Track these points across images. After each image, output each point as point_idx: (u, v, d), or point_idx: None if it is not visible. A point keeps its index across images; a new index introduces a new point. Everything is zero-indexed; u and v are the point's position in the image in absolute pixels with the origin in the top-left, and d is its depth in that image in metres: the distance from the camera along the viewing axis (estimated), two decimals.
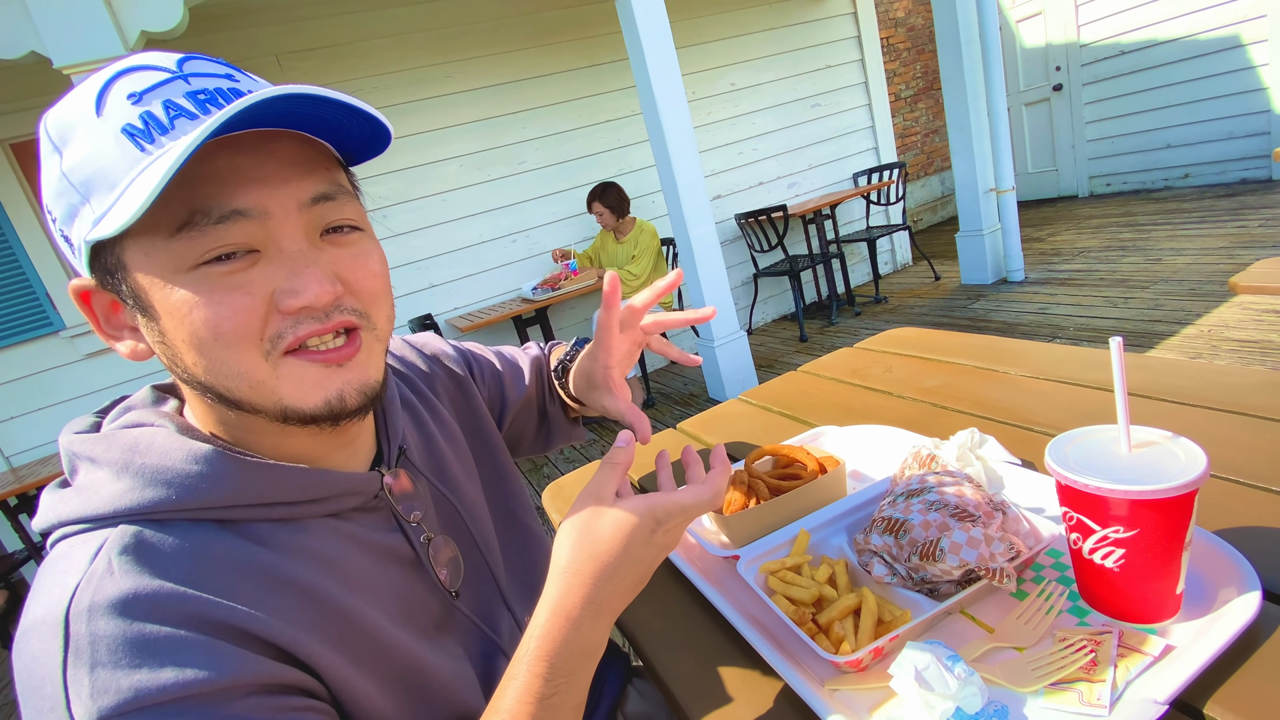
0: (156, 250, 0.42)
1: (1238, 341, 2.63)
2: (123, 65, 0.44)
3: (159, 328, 0.44)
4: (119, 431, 0.47)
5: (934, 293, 4.45)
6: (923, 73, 6.67)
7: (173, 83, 0.43)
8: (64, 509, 0.44)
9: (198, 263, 0.42)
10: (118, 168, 0.41)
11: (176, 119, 0.42)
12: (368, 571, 0.52)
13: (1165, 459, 0.46)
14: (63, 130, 0.43)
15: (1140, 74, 5.28)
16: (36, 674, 0.38)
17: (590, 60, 4.10)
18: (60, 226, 0.44)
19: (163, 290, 0.42)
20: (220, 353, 0.43)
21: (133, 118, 0.41)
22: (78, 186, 0.42)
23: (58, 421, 3.26)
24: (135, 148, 0.41)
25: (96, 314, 0.47)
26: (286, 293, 0.44)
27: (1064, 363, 0.95)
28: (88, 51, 2.14)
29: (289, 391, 0.45)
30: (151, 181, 0.38)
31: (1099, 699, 0.43)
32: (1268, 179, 4.76)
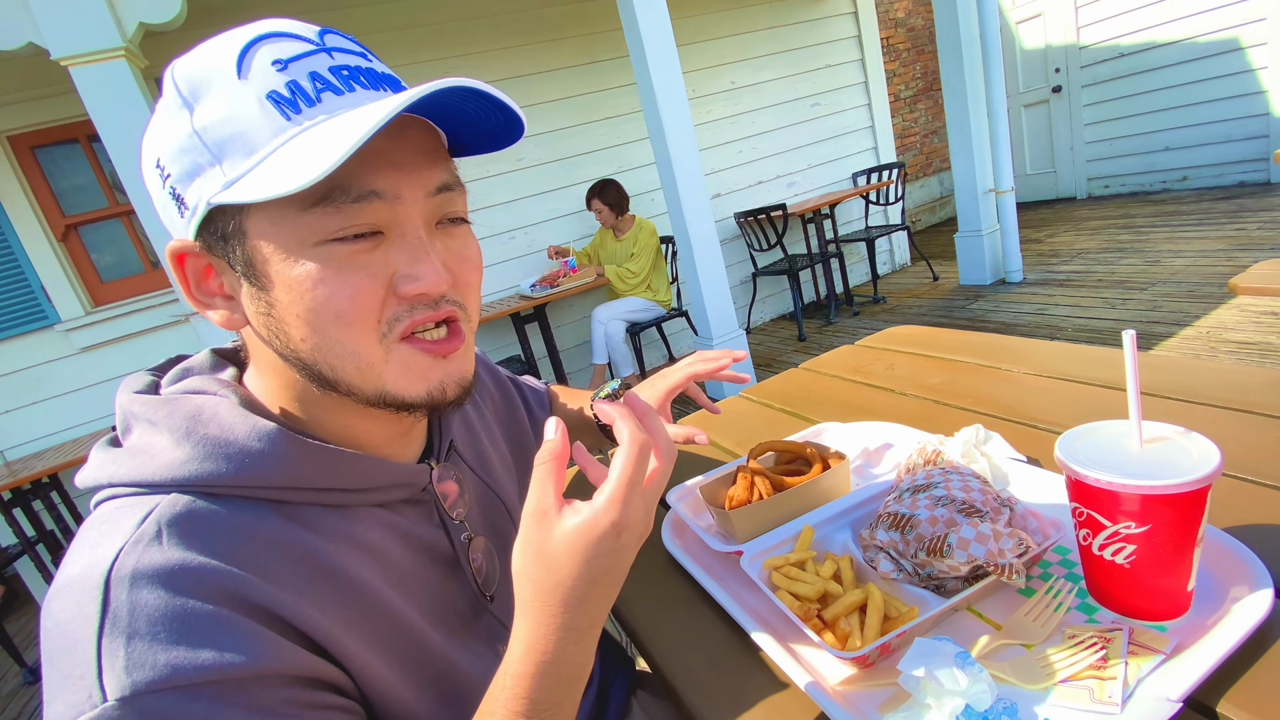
0: (286, 221, 0.41)
1: (1236, 343, 2.63)
2: (263, 29, 0.43)
3: (268, 298, 0.43)
4: (181, 397, 0.47)
5: (932, 293, 4.45)
6: (922, 73, 6.67)
7: (317, 55, 0.43)
8: (115, 470, 0.44)
9: (326, 239, 0.42)
10: (260, 133, 0.40)
11: (322, 92, 0.42)
12: (408, 566, 0.51)
13: (1178, 454, 0.46)
14: (196, 86, 0.41)
15: (1139, 76, 5.29)
16: (69, 636, 0.36)
17: (591, 57, 4.09)
18: (174, 184, 0.43)
19: (285, 262, 0.42)
20: (337, 331, 0.43)
21: (278, 85, 0.41)
22: (209, 145, 0.41)
23: (52, 416, 3.24)
24: (280, 115, 0.40)
25: (189, 278, 0.45)
26: (406, 278, 0.44)
27: (1067, 360, 0.95)
28: (86, 43, 2.13)
29: (395, 377, 0.46)
30: (327, 152, 0.37)
31: (1110, 696, 0.42)
32: (1266, 182, 4.77)
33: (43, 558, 2.85)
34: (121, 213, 3.32)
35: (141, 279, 3.40)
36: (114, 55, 2.16)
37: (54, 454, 2.96)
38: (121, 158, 2.20)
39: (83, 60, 2.14)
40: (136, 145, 1.89)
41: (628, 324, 3.82)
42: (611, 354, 3.82)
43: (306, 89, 0.41)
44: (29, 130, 3.11)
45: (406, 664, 0.48)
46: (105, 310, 3.26)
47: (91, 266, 3.32)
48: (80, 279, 3.29)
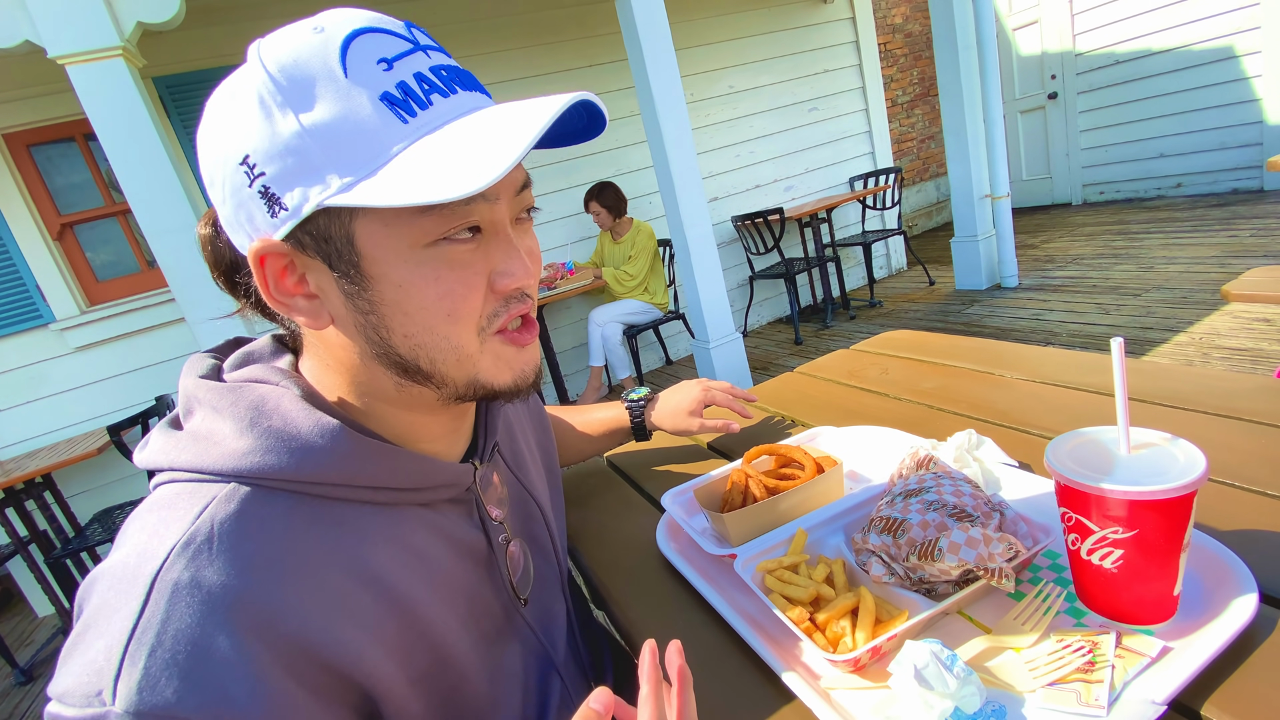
0: (400, 223, 0.42)
1: (1229, 349, 2.65)
2: (354, 23, 0.42)
3: (370, 296, 0.44)
4: (245, 385, 0.47)
5: (928, 297, 4.47)
6: (919, 79, 6.71)
7: (416, 54, 0.43)
8: (178, 455, 0.44)
9: (438, 238, 0.43)
10: (378, 136, 0.40)
11: (430, 94, 0.42)
12: (449, 568, 0.52)
13: (1164, 460, 0.46)
14: (300, 85, 0.40)
15: (1134, 84, 5.32)
16: (104, 624, 0.37)
17: (589, 60, 4.10)
18: (267, 183, 0.41)
19: (396, 262, 0.43)
20: (445, 326, 0.45)
21: (389, 85, 0.41)
22: (323, 147, 0.40)
23: (46, 416, 3.23)
24: (397, 119, 0.40)
25: (268, 279, 0.45)
26: (503, 274, 0.46)
27: (1060, 366, 0.96)
28: (83, 42, 2.12)
29: (487, 367, 0.48)
30: (496, 157, 0.38)
31: (1097, 699, 0.43)
32: (1259, 189, 4.80)
33: (35, 558, 2.83)
34: (118, 212, 3.31)
35: (137, 278, 3.39)
36: (111, 54, 2.16)
37: (48, 454, 2.94)
38: (118, 156, 2.20)
39: (80, 59, 2.14)
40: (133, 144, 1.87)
41: (625, 326, 3.83)
42: (608, 356, 3.82)
43: (415, 91, 0.41)
44: (25, 128, 3.10)
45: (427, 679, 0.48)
46: (101, 309, 3.24)
47: (87, 265, 3.31)
48: (75, 278, 3.27)
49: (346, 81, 0.40)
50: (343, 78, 0.40)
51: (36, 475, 2.68)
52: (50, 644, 2.95)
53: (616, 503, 0.93)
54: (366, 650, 0.43)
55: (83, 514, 3.19)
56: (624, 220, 3.85)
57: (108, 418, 3.24)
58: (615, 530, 0.85)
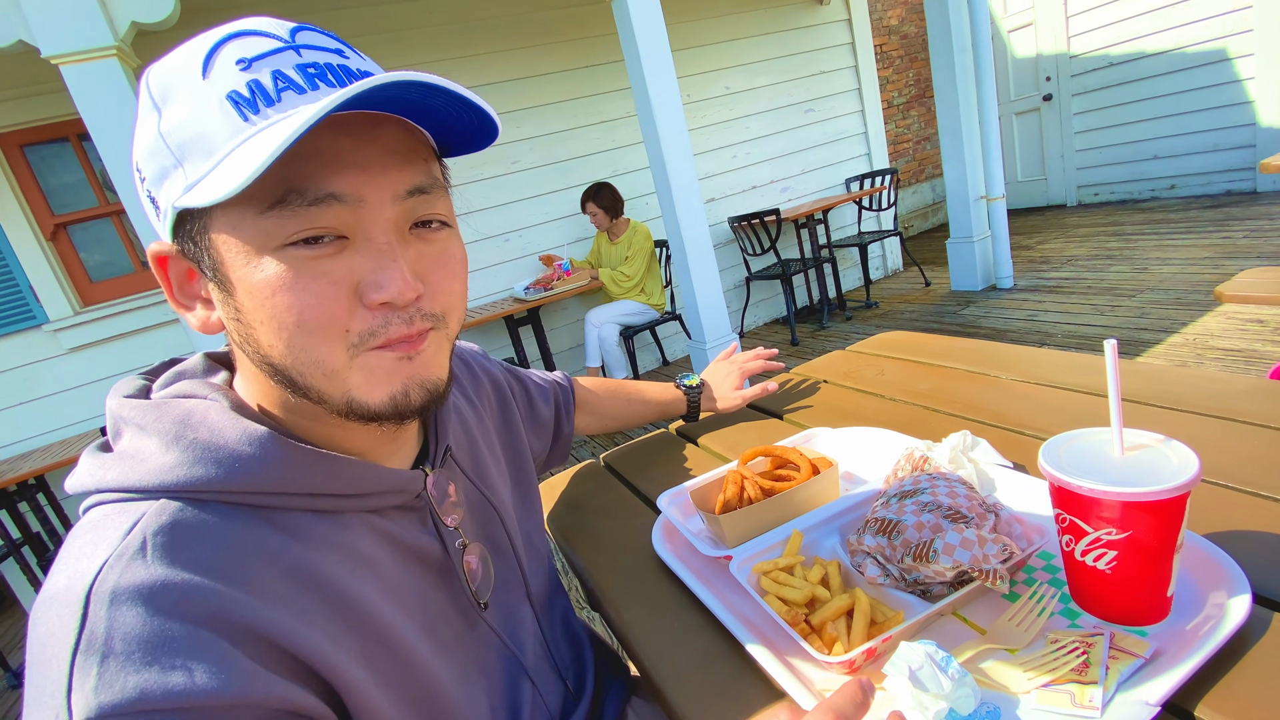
0: (245, 225, 0.40)
1: (1222, 350, 2.66)
2: (235, 28, 0.42)
3: (235, 303, 0.43)
4: (171, 401, 0.46)
5: (924, 298, 4.48)
6: (915, 80, 6.73)
7: (284, 53, 0.42)
8: (104, 475, 0.43)
9: (285, 243, 0.41)
10: (218, 135, 0.40)
11: (284, 91, 0.40)
12: (399, 575, 0.50)
13: (1158, 462, 0.46)
14: (165, 88, 0.41)
15: (1129, 85, 5.35)
16: (47, 652, 0.36)
17: (586, 61, 4.10)
18: (149, 187, 0.43)
19: (246, 267, 0.41)
20: (301, 338, 0.42)
21: (239, 85, 0.40)
22: (173, 149, 0.40)
23: (39, 417, 3.21)
24: (239, 116, 0.40)
25: (171, 281, 0.45)
26: (371, 285, 0.42)
27: (1054, 367, 0.96)
28: (77, 41, 2.12)
29: (359, 383, 0.44)
30: (258, 156, 0.36)
31: (1091, 700, 0.43)
32: (1252, 191, 4.83)
33: (28, 560, 2.82)
34: (111, 212, 3.30)
35: (131, 279, 3.38)
36: (105, 54, 2.15)
37: (41, 455, 2.93)
38: (112, 157, 2.19)
39: (74, 59, 2.13)
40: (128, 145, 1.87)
41: (621, 327, 3.83)
42: (605, 357, 3.82)
43: (268, 88, 0.40)
44: (18, 129, 3.09)
45: (393, 681, 0.47)
46: (94, 310, 3.23)
47: (81, 266, 3.30)
48: (69, 279, 3.26)
49: (203, 83, 0.40)
50: (200, 80, 0.40)
51: (29, 477, 2.67)
52: None
53: (612, 504, 0.92)
54: (324, 648, 0.42)
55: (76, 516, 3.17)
56: (621, 221, 3.85)
57: (101, 420, 3.23)
58: (610, 532, 0.85)
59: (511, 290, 3.99)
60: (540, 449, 0.88)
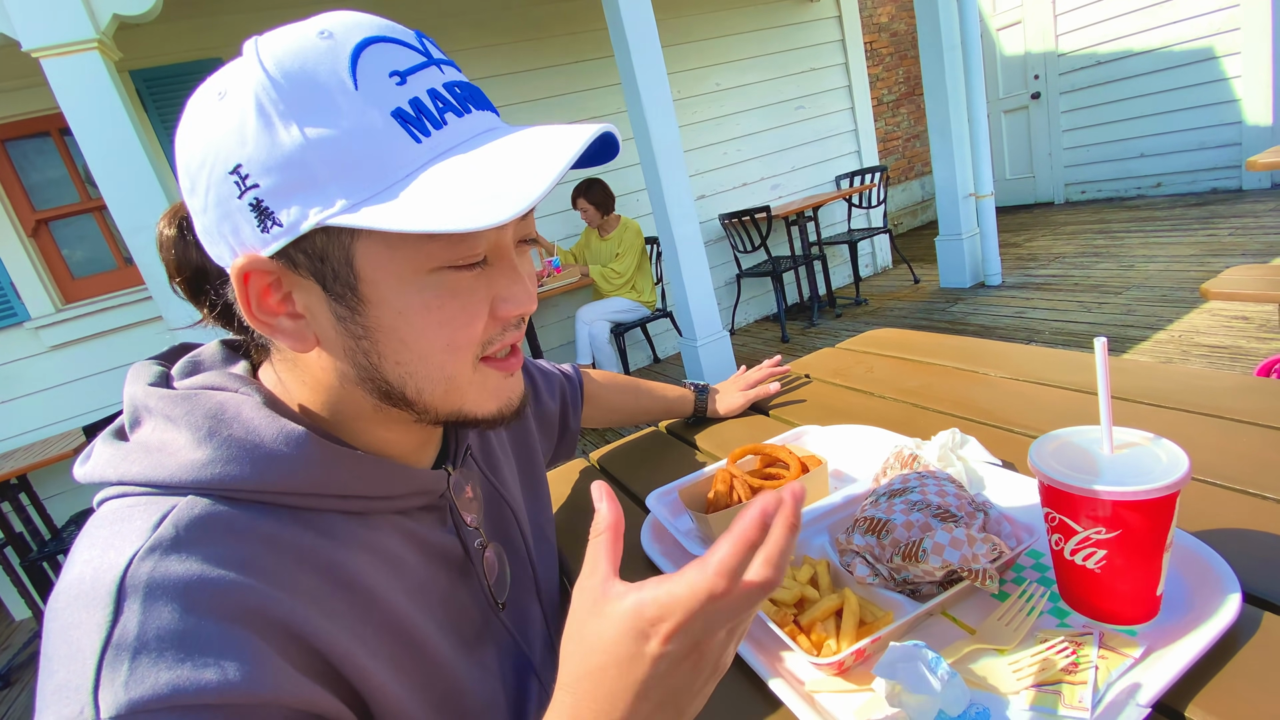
0: (406, 247, 0.40)
1: (1208, 347, 2.69)
2: (364, 30, 0.40)
3: (365, 321, 0.42)
4: (201, 393, 0.44)
5: (913, 295, 4.50)
6: (905, 78, 6.74)
7: (430, 68, 0.41)
8: (128, 467, 0.41)
9: (442, 265, 0.41)
10: (391, 156, 0.38)
11: (445, 112, 0.40)
12: (423, 574, 0.50)
13: (1147, 460, 0.46)
14: (306, 93, 0.38)
15: (1116, 84, 5.39)
16: (71, 643, 0.34)
17: (576, 56, 4.08)
18: (260, 195, 0.38)
19: (398, 287, 0.41)
20: (442, 356, 0.44)
21: (402, 102, 0.39)
22: (329, 162, 0.38)
23: (20, 416, 3.16)
24: (410, 137, 0.39)
25: (251, 297, 0.42)
26: (506, 301, 0.45)
27: (1043, 365, 0.96)
28: (58, 34, 2.08)
29: (473, 397, 0.47)
30: (506, 201, 0.36)
31: (1081, 700, 0.42)
32: (1238, 189, 4.88)
33: (11, 560, 2.78)
34: (94, 208, 3.25)
35: (114, 276, 3.33)
36: (86, 47, 2.11)
37: (22, 454, 2.88)
38: (94, 152, 2.15)
39: (54, 52, 2.09)
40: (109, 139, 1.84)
41: (612, 324, 3.82)
42: (595, 354, 3.81)
43: (429, 109, 0.40)
44: None
45: (417, 682, 0.47)
46: (76, 307, 3.18)
47: (62, 263, 3.25)
48: (51, 275, 3.21)
49: (357, 94, 0.38)
50: (353, 89, 0.38)
51: (11, 477, 2.62)
52: (27, 648, 2.90)
53: None
54: (352, 649, 0.42)
55: (59, 516, 3.13)
56: (612, 217, 3.83)
57: (84, 418, 3.18)
58: None
59: None
60: (546, 445, 0.87)
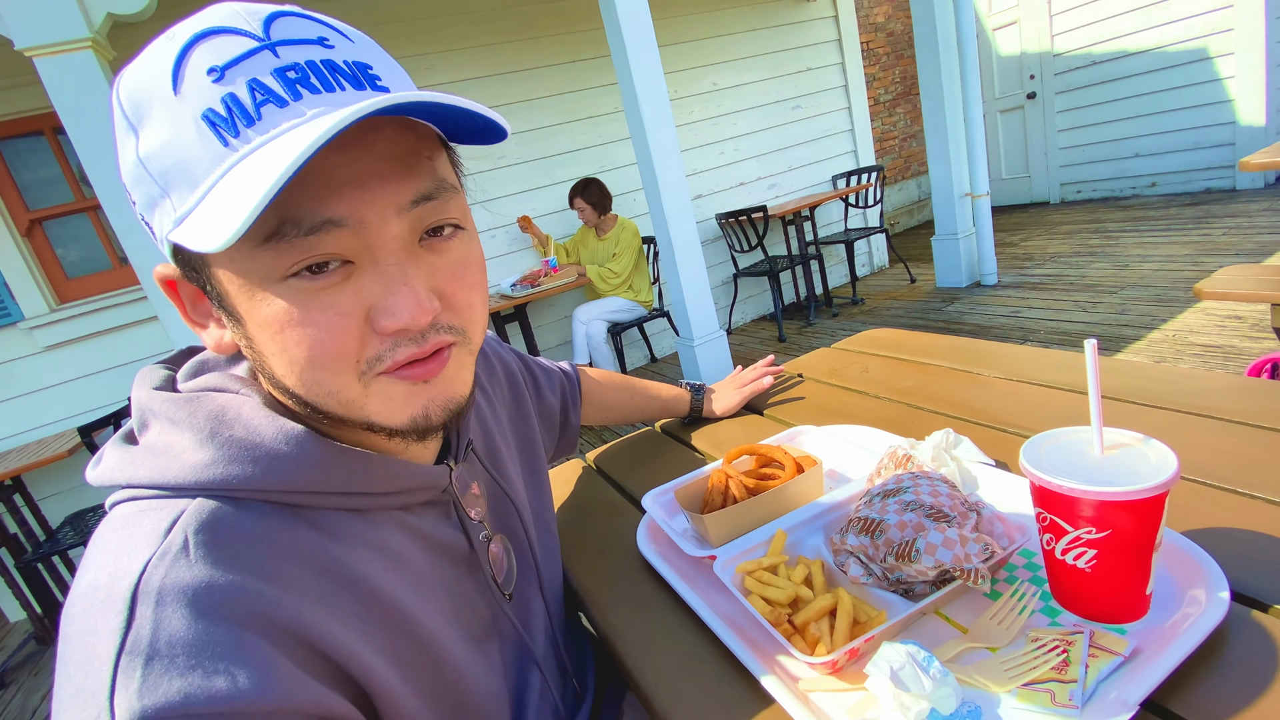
0: (241, 258, 0.38)
1: (1201, 346, 2.70)
2: (203, 23, 0.38)
3: (245, 333, 0.41)
4: (203, 395, 0.45)
5: (909, 295, 4.51)
6: (901, 78, 6.76)
7: (258, 54, 0.37)
8: (136, 471, 0.42)
9: (287, 274, 0.38)
10: (199, 163, 0.36)
11: (263, 105, 0.36)
12: (428, 569, 0.51)
13: (1137, 461, 0.47)
14: (138, 106, 0.37)
15: (1111, 84, 5.41)
16: (88, 650, 0.35)
17: (573, 55, 4.08)
18: (141, 212, 0.40)
19: (250, 301, 0.39)
20: (313, 372, 0.41)
21: (214, 101, 0.36)
22: (156, 177, 0.37)
23: (15, 416, 3.15)
24: (218, 140, 0.36)
25: (183, 301, 0.43)
26: (382, 312, 0.40)
27: (1037, 365, 0.96)
28: (51, 33, 2.07)
29: (377, 409, 0.43)
30: (241, 204, 0.33)
31: (1070, 699, 0.43)
32: (1232, 189, 4.90)
33: (6, 562, 2.77)
34: (88, 208, 3.23)
35: (109, 275, 3.32)
36: (80, 46, 2.11)
37: (17, 455, 2.87)
38: (87, 151, 2.15)
39: (48, 51, 2.08)
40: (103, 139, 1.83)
41: (609, 324, 3.82)
42: (593, 354, 3.81)
43: (245, 103, 0.36)
44: None
45: (423, 678, 0.47)
46: (71, 308, 3.17)
47: (57, 262, 3.23)
48: (45, 275, 3.19)
49: (175, 99, 0.36)
50: (172, 95, 0.36)
51: (6, 478, 2.62)
52: (22, 649, 2.89)
53: (598, 504, 0.92)
54: (358, 648, 0.42)
55: (54, 517, 3.12)
56: (609, 217, 3.83)
57: (79, 418, 3.17)
58: (596, 532, 0.84)
59: (499, 287, 3.96)
60: (548, 440, 0.88)
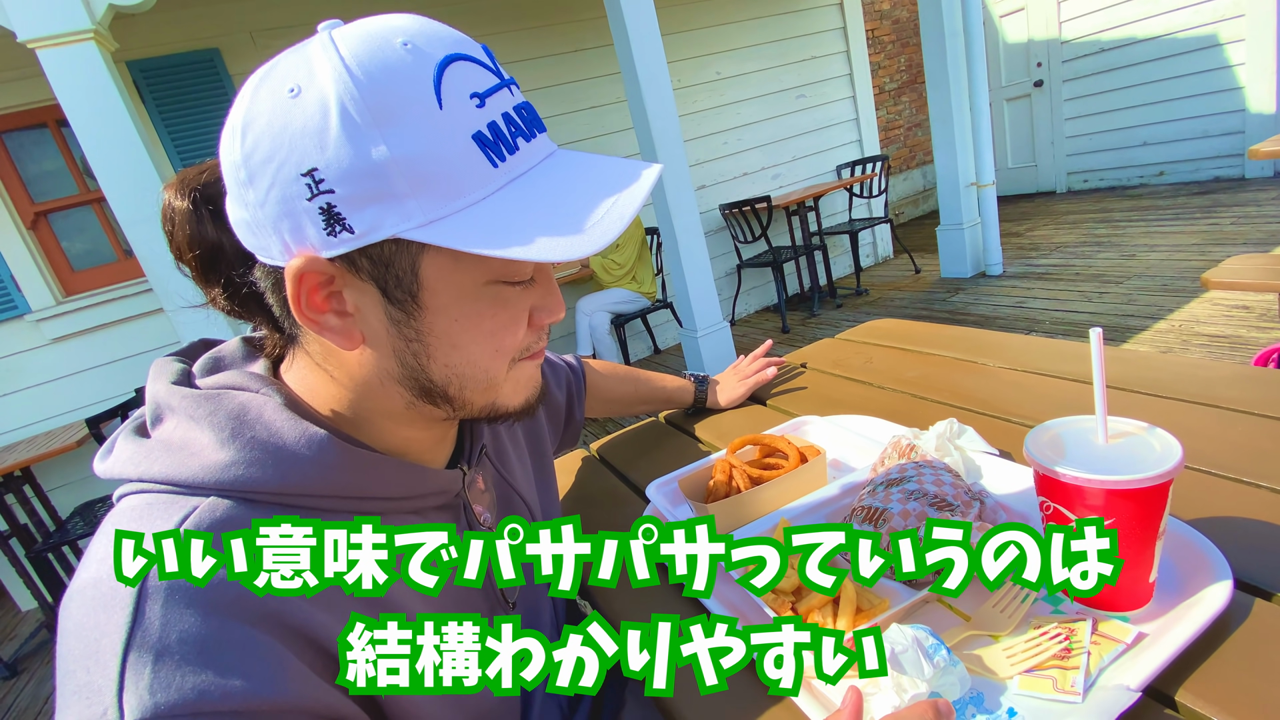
0: (472, 263, 0.42)
1: (1208, 336, 2.69)
2: (445, 46, 0.41)
3: (419, 325, 0.44)
4: (223, 393, 0.45)
5: (914, 286, 4.50)
6: (907, 66, 6.70)
7: (503, 90, 0.43)
8: (150, 465, 0.42)
9: (497, 280, 0.44)
10: (468, 178, 0.40)
11: (516, 137, 0.42)
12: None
13: (1141, 450, 0.47)
14: (393, 106, 0.38)
15: (1119, 71, 5.35)
16: (92, 644, 0.35)
17: (575, 45, 4.05)
18: (333, 201, 0.39)
19: (458, 297, 0.43)
20: (488, 359, 0.46)
21: (481, 125, 0.40)
22: (408, 178, 0.38)
23: (23, 408, 3.17)
24: (488, 161, 0.41)
25: (301, 295, 0.42)
26: (543, 310, 0.49)
27: (1040, 355, 0.96)
28: (53, 25, 2.07)
29: (507, 391, 0.49)
30: (583, 243, 0.39)
31: (1073, 685, 0.43)
32: (1240, 177, 4.85)
33: (16, 552, 2.80)
34: (92, 200, 3.24)
35: (114, 268, 3.33)
36: (82, 38, 2.10)
37: (26, 447, 2.90)
38: (91, 143, 2.15)
39: (50, 43, 2.08)
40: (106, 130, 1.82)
41: (612, 315, 3.82)
42: (596, 345, 3.82)
43: (504, 133, 0.41)
44: None
45: None
46: (77, 300, 3.18)
47: (62, 255, 3.25)
48: (51, 268, 3.21)
49: (441, 114, 0.39)
50: (438, 109, 0.39)
51: (15, 469, 2.64)
52: (34, 638, 2.93)
53: (602, 494, 0.92)
54: None
55: (63, 507, 3.15)
56: None
57: (86, 410, 3.19)
58: (601, 521, 0.85)
59: None
60: (552, 433, 0.88)
